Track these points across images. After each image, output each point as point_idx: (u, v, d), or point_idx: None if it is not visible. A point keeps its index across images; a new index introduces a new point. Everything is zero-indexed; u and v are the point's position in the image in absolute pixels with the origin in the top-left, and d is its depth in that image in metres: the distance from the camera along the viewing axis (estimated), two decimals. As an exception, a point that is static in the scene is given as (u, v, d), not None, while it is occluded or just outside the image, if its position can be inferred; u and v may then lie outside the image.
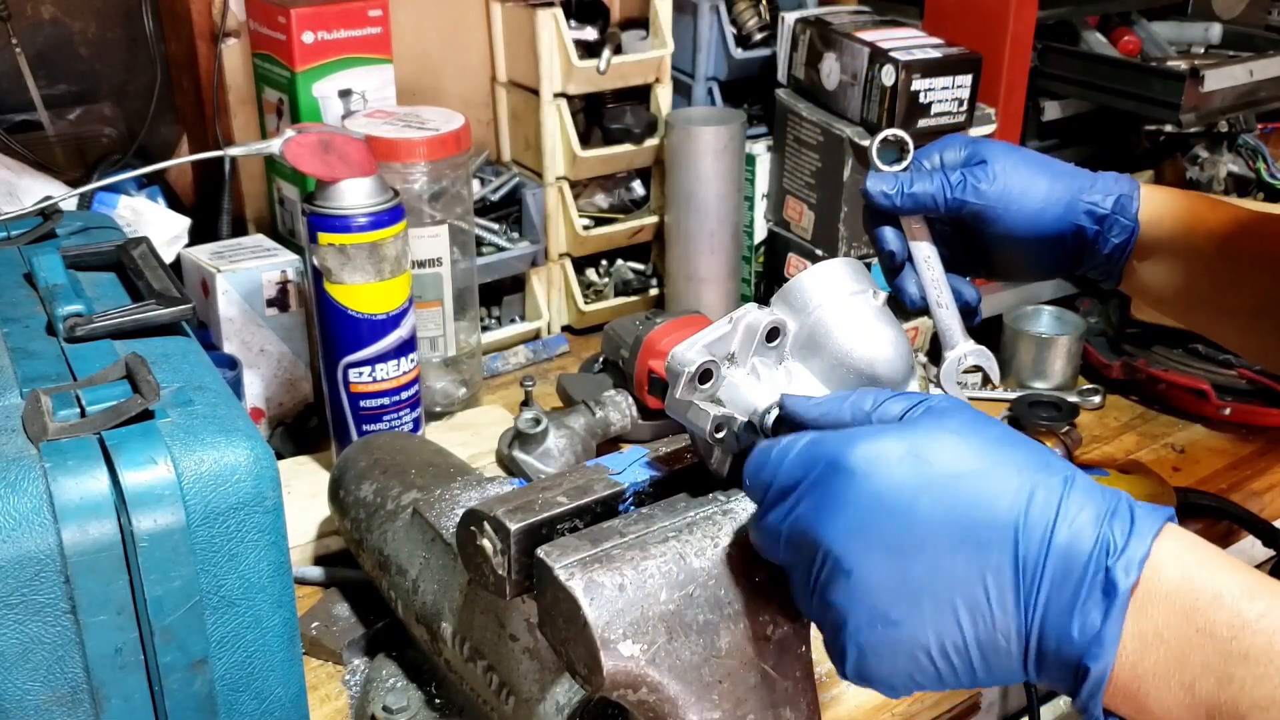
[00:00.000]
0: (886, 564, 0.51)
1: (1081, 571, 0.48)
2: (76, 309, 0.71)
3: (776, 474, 0.55)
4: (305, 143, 0.93)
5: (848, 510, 0.52)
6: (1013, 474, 0.51)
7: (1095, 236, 0.84)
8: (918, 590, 0.51)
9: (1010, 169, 0.84)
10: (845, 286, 0.64)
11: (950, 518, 0.50)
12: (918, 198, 0.83)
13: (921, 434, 0.52)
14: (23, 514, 0.57)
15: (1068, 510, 0.49)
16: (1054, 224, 0.84)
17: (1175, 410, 1.24)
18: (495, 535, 0.60)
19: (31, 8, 1.19)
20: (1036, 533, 0.49)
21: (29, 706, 0.59)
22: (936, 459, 0.51)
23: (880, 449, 0.52)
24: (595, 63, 1.28)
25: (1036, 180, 0.84)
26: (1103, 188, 0.84)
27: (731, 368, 0.61)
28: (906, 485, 0.51)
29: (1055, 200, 0.83)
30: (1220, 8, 1.64)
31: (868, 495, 0.51)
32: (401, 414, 1.03)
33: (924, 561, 0.50)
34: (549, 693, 0.68)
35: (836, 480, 0.52)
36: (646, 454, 0.66)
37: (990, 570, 0.49)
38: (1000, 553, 0.49)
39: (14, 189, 1.08)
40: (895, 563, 0.51)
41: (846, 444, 0.53)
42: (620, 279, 1.42)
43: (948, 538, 0.50)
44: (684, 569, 0.57)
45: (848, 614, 0.52)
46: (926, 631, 0.51)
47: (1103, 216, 0.83)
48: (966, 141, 0.87)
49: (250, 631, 0.64)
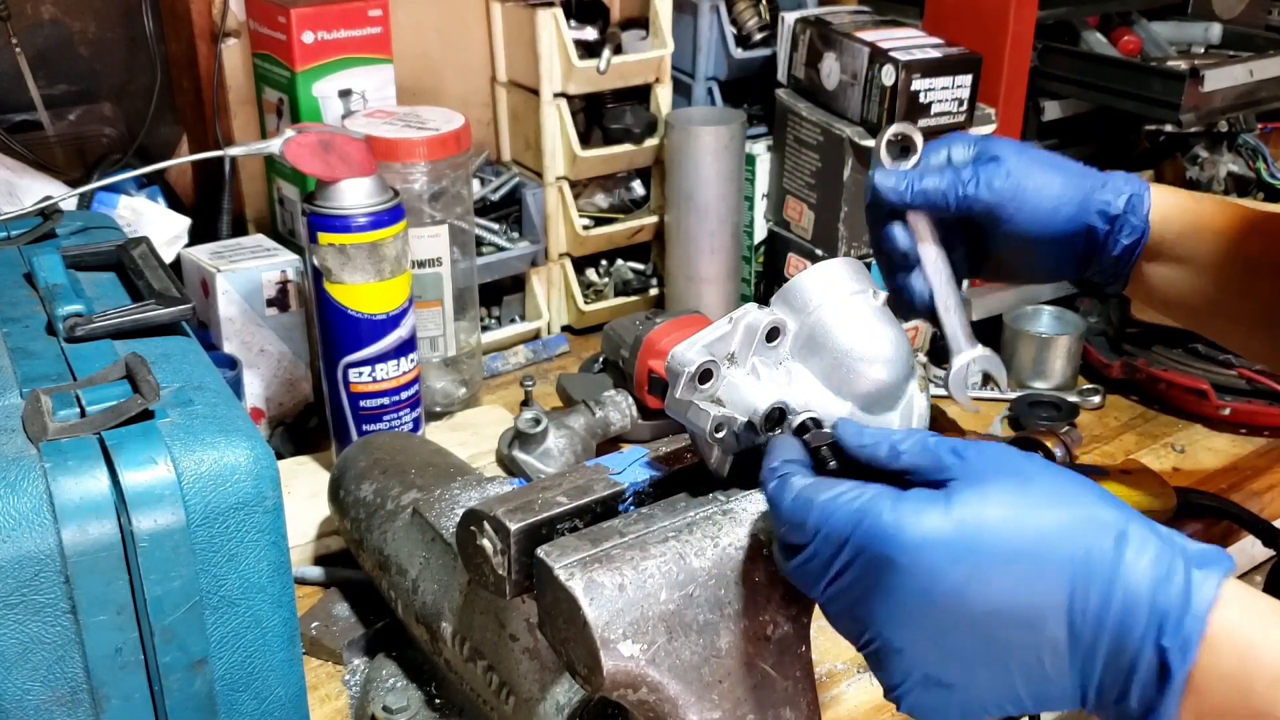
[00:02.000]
0: (938, 643, 0.51)
1: (1136, 652, 0.48)
2: (76, 309, 0.71)
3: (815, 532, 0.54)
4: (305, 143, 0.93)
5: (894, 601, 0.51)
6: (1064, 543, 0.50)
7: (1105, 237, 0.82)
8: (972, 663, 0.51)
9: (1024, 166, 0.82)
10: (845, 286, 0.64)
11: (1002, 602, 0.50)
12: (928, 194, 0.81)
13: (966, 510, 0.51)
14: (23, 514, 0.57)
15: (1122, 579, 0.49)
16: (1066, 224, 0.82)
17: (1175, 410, 1.24)
18: (495, 535, 0.60)
19: (31, 8, 1.19)
20: (1090, 612, 0.49)
21: (29, 706, 0.59)
22: (983, 543, 0.50)
23: (924, 532, 0.50)
24: (595, 63, 1.28)
25: (1050, 178, 0.82)
26: (1114, 187, 0.82)
27: (731, 368, 0.61)
28: (955, 576, 0.50)
29: (1068, 199, 0.82)
30: (1220, 8, 1.64)
31: (914, 585, 0.51)
32: (401, 414, 1.03)
33: (977, 639, 0.50)
34: (549, 693, 0.68)
35: (880, 569, 0.51)
36: (646, 454, 0.66)
37: (1046, 645, 0.50)
38: (1055, 629, 0.49)
39: (14, 189, 1.08)
40: (947, 642, 0.51)
41: (890, 528, 0.51)
42: (620, 279, 1.42)
43: (1000, 619, 0.50)
44: (684, 569, 0.57)
45: (901, 677, 0.52)
46: (982, 693, 0.51)
47: (1114, 217, 0.82)
48: (974, 139, 0.86)
49: (250, 631, 0.64)
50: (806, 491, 0.55)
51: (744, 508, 0.61)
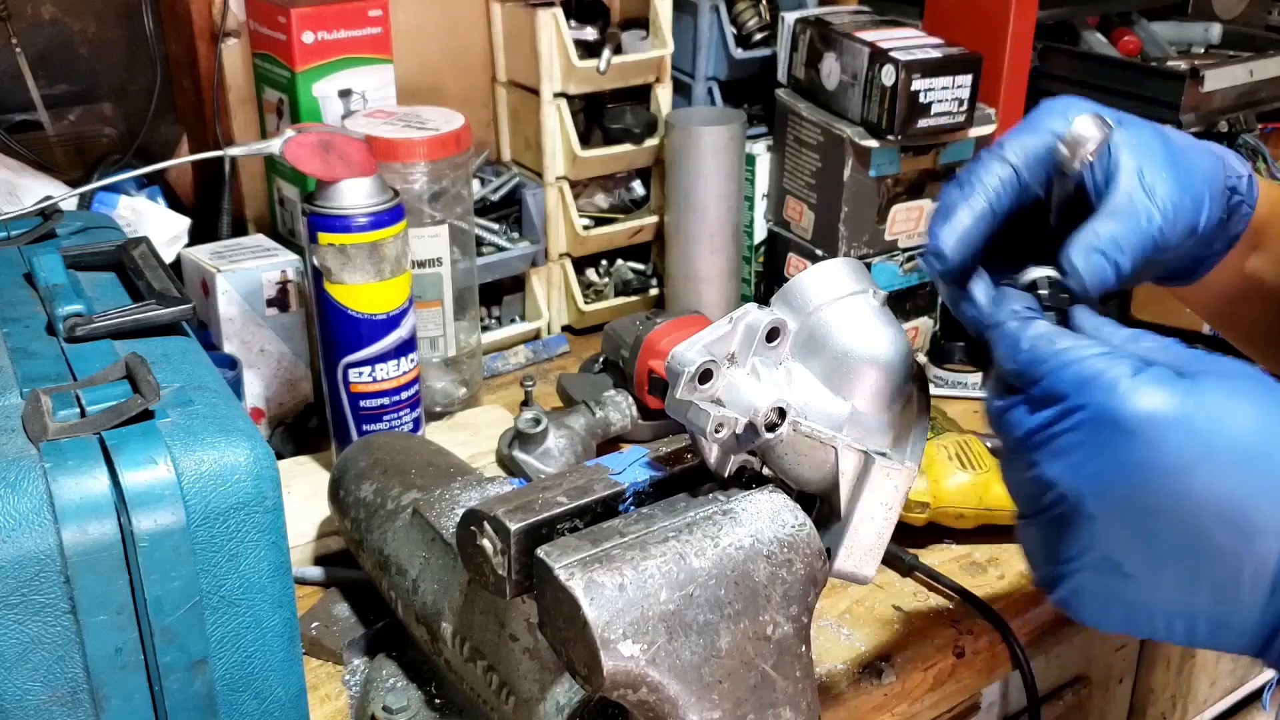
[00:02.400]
0: (1136, 523, 0.47)
1: None
2: (76, 309, 0.71)
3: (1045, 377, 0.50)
4: (305, 143, 0.93)
5: (1109, 463, 0.48)
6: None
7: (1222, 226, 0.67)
8: (1163, 555, 0.47)
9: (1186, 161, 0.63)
10: (845, 286, 0.64)
11: (1226, 499, 0.46)
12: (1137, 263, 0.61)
13: (1211, 397, 0.47)
14: (23, 514, 0.57)
15: None
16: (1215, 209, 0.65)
17: (1175, 410, 1.23)
18: (495, 535, 0.60)
19: (31, 8, 1.19)
20: None
21: (29, 706, 0.59)
22: (1223, 431, 0.47)
23: (1163, 407, 0.47)
24: (595, 63, 1.28)
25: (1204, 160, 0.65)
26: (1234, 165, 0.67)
27: (731, 368, 0.61)
28: (1184, 455, 0.46)
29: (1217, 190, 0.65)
30: (1220, 8, 1.64)
31: (1138, 454, 0.47)
32: (401, 414, 1.03)
33: (1180, 533, 0.47)
34: (549, 693, 0.68)
35: (1105, 427, 0.48)
36: (646, 454, 0.66)
37: (1253, 560, 0.46)
38: (1268, 545, 0.46)
39: (14, 189, 1.08)
40: (1146, 524, 0.47)
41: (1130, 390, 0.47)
42: (620, 279, 1.42)
43: (1217, 517, 0.46)
44: (684, 569, 0.57)
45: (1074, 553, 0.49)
46: (1159, 594, 0.48)
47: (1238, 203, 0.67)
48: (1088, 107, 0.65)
49: (250, 631, 0.64)
50: (1051, 334, 0.51)
51: (744, 508, 0.61)
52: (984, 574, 0.97)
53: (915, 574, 0.96)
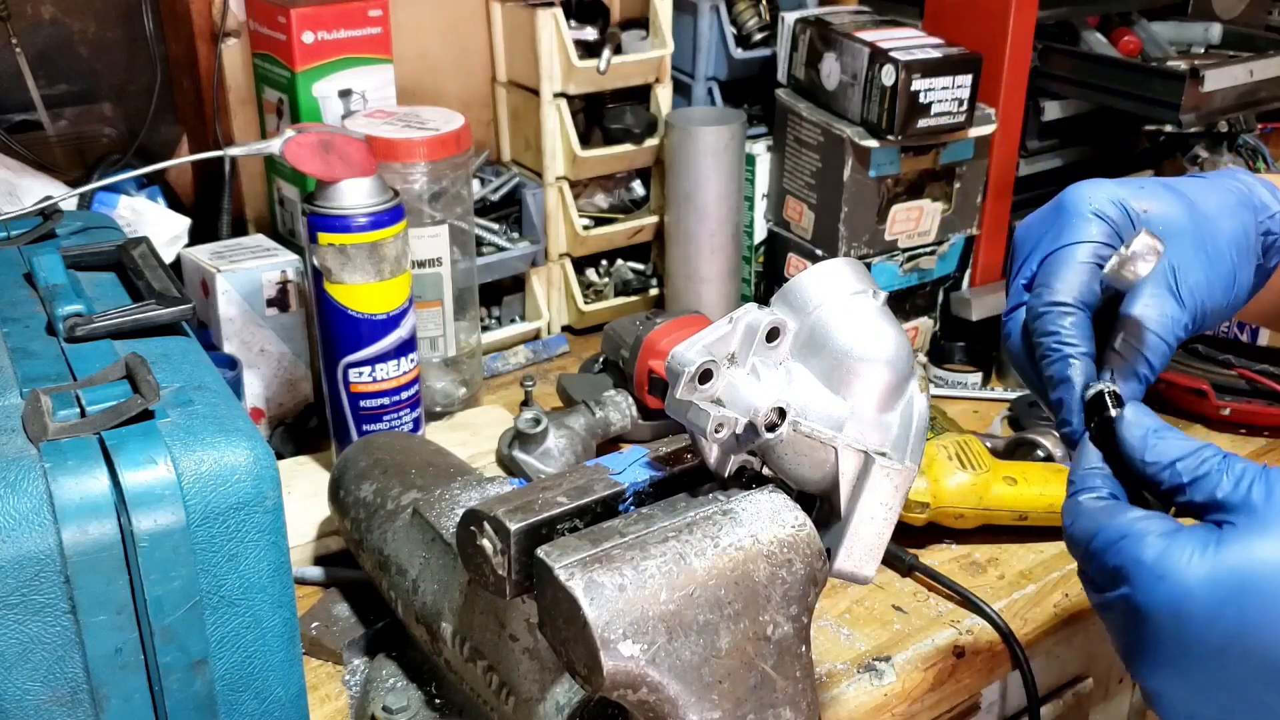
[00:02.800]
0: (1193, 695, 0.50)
1: None
2: (76, 309, 0.71)
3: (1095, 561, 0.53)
4: (305, 143, 0.93)
5: (1150, 648, 0.50)
6: None
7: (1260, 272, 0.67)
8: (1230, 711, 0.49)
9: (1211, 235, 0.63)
10: (846, 286, 0.64)
11: (1265, 664, 0.48)
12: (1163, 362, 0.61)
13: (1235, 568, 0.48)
14: (23, 514, 0.57)
15: None
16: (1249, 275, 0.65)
17: (1175, 410, 1.24)
18: (495, 535, 0.60)
19: (31, 8, 1.19)
20: None
21: (29, 706, 0.59)
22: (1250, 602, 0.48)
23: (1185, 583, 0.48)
24: (595, 63, 1.28)
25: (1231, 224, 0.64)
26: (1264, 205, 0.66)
27: (731, 368, 0.61)
28: (1215, 631, 0.48)
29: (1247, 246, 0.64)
30: (1220, 8, 1.64)
31: (1173, 641, 0.49)
32: (401, 414, 1.03)
33: (1233, 694, 0.49)
34: (549, 693, 0.68)
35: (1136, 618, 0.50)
36: (646, 454, 0.66)
37: None
38: None
39: (14, 189, 1.08)
40: (1203, 695, 0.50)
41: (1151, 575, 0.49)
42: (620, 279, 1.42)
43: (1262, 679, 0.48)
44: (684, 569, 0.57)
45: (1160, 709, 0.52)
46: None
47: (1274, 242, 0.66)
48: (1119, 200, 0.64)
49: (250, 631, 0.64)
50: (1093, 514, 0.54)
51: (744, 508, 0.61)
52: (984, 574, 0.97)
53: (915, 574, 0.96)
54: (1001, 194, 1.32)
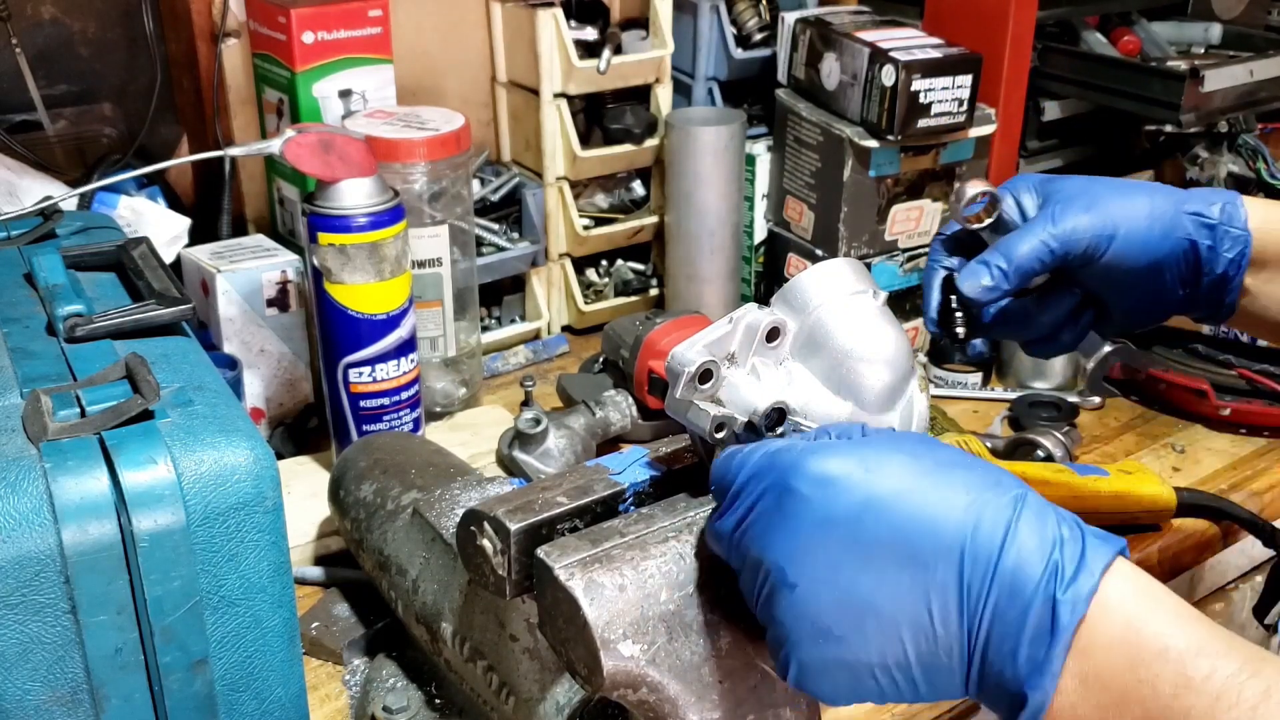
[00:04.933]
0: (830, 581, 0.51)
1: (1028, 599, 0.47)
2: (76, 309, 0.71)
3: (734, 479, 0.55)
4: (305, 143, 0.93)
5: (793, 527, 0.52)
6: (960, 493, 0.50)
7: (1208, 251, 0.77)
8: (861, 608, 0.50)
9: (1103, 193, 0.78)
10: (846, 286, 0.64)
11: (895, 536, 0.50)
12: (1023, 266, 0.77)
13: (871, 451, 0.52)
14: (23, 514, 0.57)
15: (1016, 532, 0.49)
16: (1163, 241, 0.77)
17: (1175, 410, 1.24)
18: (495, 535, 0.60)
19: (31, 8, 1.19)
20: (983, 554, 0.48)
21: (29, 706, 0.59)
22: (883, 476, 0.51)
23: (829, 465, 0.52)
24: (595, 63, 1.28)
25: (1134, 198, 0.78)
26: (1203, 197, 0.78)
27: (731, 368, 0.61)
28: (853, 503, 0.51)
29: (1160, 214, 0.77)
30: (1220, 8, 1.64)
31: (813, 513, 0.51)
32: (401, 414, 1.03)
33: (868, 579, 0.50)
34: (549, 693, 0.68)
35: (785, 497, 0.52)
36: (646, 454, 0.66)
37: (935, 589, 0.49)
38: (945, 572, 0.49)
39: (14, 189, 1.08)
40: (839, 579, 0.50)
41: (798, 460, 0.53)
42: (620, 279, 1.42)
43: (893, 556, 0.50)
44: (684, 569, 0.57)
45: (790, 628, 0.52)
46: (869, 649, 0.50)
47: (1211, 226, 0.77)
48: (1036, 182, 0.82)
49: (250, 631, 0.64)
50: (730, 450, 0.57)
51: (744, 508, 0.61)
52: (984, 574, 0.97)
53: (915, 574, 0.96)
54: (1001, 194, 1.32)
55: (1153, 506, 1.01)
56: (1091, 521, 0.51)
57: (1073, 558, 0.48)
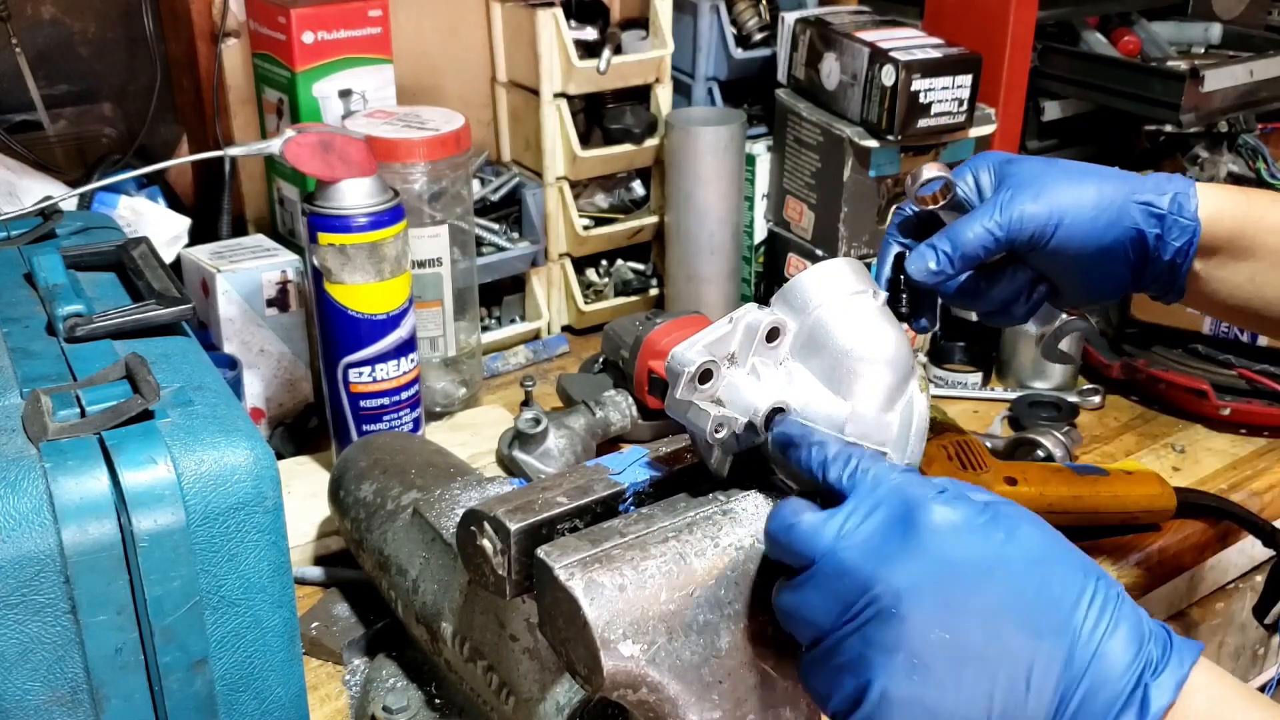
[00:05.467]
0: (943, 622, 0.51)
1: (1120, 683, 0.50)
2: (76, 309, 0.71)
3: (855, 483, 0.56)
4: (305, 143, 0.93)
5: (920, 560, 0.52)
6: (1079, 573, 0.52)
7: (1156, 240, 0.79)
8: (965, 657, 0.51)
9: (1054, 179, 0.80)
10: (846, 286, 0.64)
11: (1019, 600, 0.51)
12: (968, 253, 0.79)
13: (1006, 515, 0.54)
14: (23, 514, 0.57)
15: (1119, 621, 0.51)
16: (1110, 229, 0.79)
17: (1175, 410, 1.24)
18: (495, 535, 0.60)
19: (31, 8, 1.19)
20: (1093, 635, 0.51)
21: (29, 706, 0.59)
22: (1019, 542, 0.53)
23: (970, 515, 0.53)
24: (595, 63, 1.28)
25: (1084, 185, 0.79)
26: (1156, 186, 0.79)
27: (731, 368, 0.61)
28: (987, 556, 0.52)
29: (1108, 204, 0.79)
30: (1220, 8, 1.64)
31: (945, 553, 0.52)
32: (401, 414, 1.03)
33: (981, 633, 0.51)
34: (549, 693, 0.68)
35: (917, 528, 0.53)
36: (646, 454, 0.66)
37: (1040, 658, 0.50)
38: (1054, 644, 0.50)
39: (14, 189, 1.08)
40: (952, 623, 0.51)
41: (932, 499, 0.53)
42: (620, 279, 1.42)
43: (1011, 618, 0.51)
44: (684, 569, 0.57)
45: (886, 656, 0.52)
46: (959, 697, 0.51)
47: (1160, 215, 0.78)
48: (997, 160, 0.84)
49: (250, 631, 0.64)
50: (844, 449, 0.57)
51: (744, 508, 0.61)
52: (984, 574, 0.97)
53: (915, 574, 0.96)
54: (1001, 194, 1.32)
55: (1152, 506, 1.01)
56: (1091, 521, 0.52)
57: (1161, 651, 0.51)
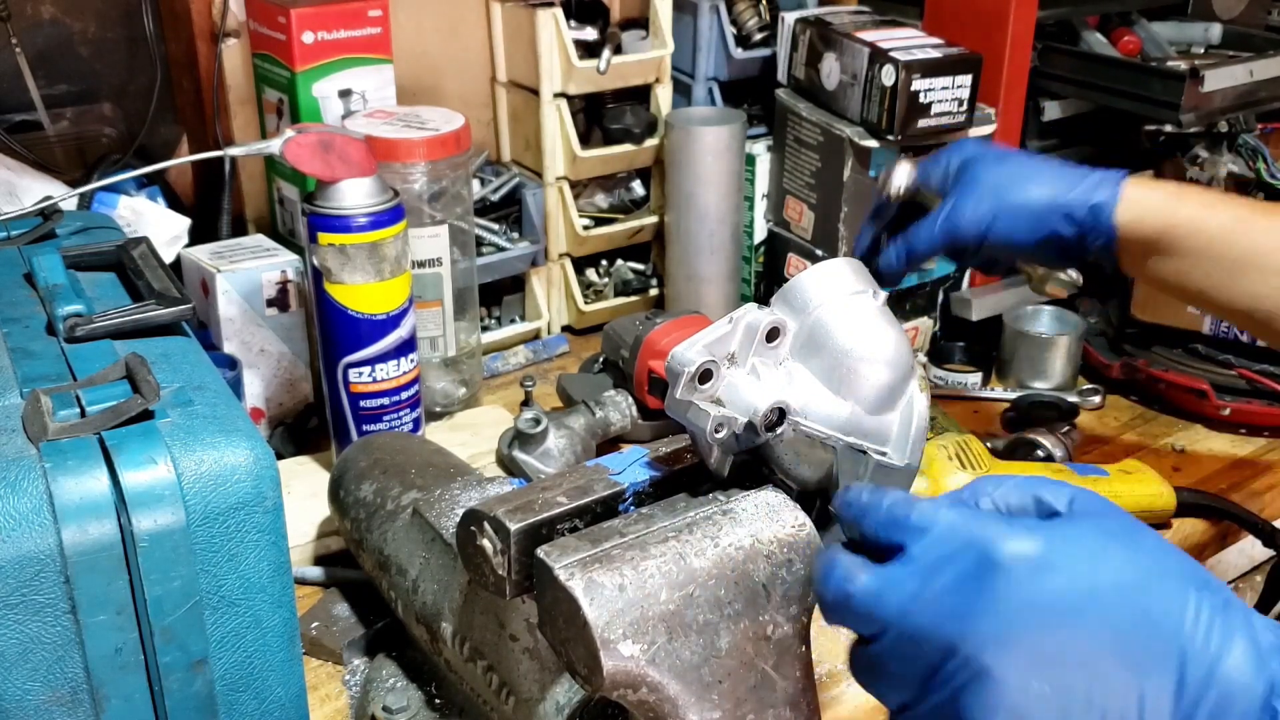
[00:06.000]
0: (1038, 674, 0.48)
1: (1245, 707, 0.46)
2: (76, 309, 0.71)
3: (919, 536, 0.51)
4: (305, 143, 0.93)
5: (999, 610, 0.48)
6: (1179, 590, 0.48)
7: (1077, 241, 0.87)
8: (1069, 703, 0.47)
9: (998, 182, 0.88)
10: (845, 286, 0.64)
11: (1118, 633, 0.47)
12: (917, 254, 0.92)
13: (1084, 536, 0.49)
14: (23, 514, 0.57)
15: (1233, 638, 0.47)
16: (1034, 234, 0.87)
17: (1175, 410, 1.24)
18: (495, 535, 0.60)
19: (31, 8, 1.19)
20: (1205, 659, 0.47)
21: (29, 706, 0.59)
22: (1105, 567, 0.48)
23: (1044, 547, 0.49)
24: (595, 63, 1.28)
25: (1021, 189, 0.88)
26: (1082, 192, 0.86)
27: (731, 368, 0.61)
28: (1073, 592, 0.48)
29: (1034, 210, 0.87)
30: (1220, 8, 1.64)
31: (1024, 596, 0.48)
32: (401, 414, 1.03)
33: (1082, 676, 0.47)
34: (549, 693, 0.68)
35: (990, 574, 0.49)
36: (646, 454, 0.66)
37: (1150, 689, 0.47)
38: (1162, 675, 0.47)
39: (14, 189, 1.08)
40: (1048, 672, 0.47)
41: (1000, 536, 0.49)
42: (620, 279, 1.42)
43: (1111, 653, 0.47)
44: (684, 569, 0.57)
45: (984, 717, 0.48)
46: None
47: (1078, 222, 0.86)
48: (963, 156, 0.92)
49: (250, 631, 0.64)
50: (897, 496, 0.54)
51: (744, 508, 0.61)
52: (984, 574, 0.97)
53: (915, 574, 0.96)
54: (1001, 194, 1.32)
55: (1152, 506, 1.01)
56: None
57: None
